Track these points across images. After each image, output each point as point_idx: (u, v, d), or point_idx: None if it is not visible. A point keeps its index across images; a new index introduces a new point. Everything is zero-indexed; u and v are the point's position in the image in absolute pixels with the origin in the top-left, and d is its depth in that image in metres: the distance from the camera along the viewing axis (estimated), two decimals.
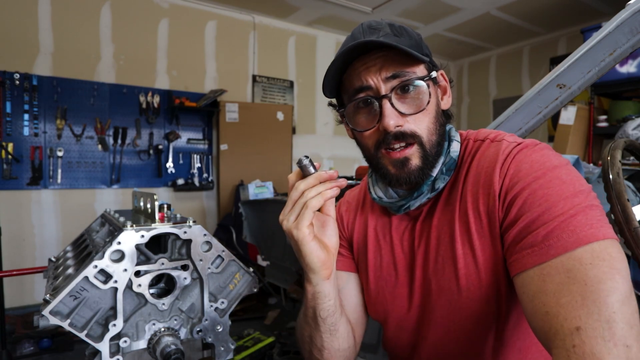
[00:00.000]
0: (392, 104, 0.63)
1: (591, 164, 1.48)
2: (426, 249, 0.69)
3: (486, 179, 0.62)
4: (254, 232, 3.29)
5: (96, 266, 0.63)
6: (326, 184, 0.61)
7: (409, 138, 0.64)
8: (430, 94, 0.64)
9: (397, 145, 0.64)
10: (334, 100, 0.74)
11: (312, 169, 0.63)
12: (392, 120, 0.62)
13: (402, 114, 0.63)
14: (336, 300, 0.70)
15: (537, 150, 0.60)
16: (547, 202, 0.53)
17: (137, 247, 0.66)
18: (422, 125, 0.65)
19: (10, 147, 3.18)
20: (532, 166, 0.58)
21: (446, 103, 0.72)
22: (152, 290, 0.71)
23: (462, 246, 0.63)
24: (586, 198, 0.53)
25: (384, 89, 0.63)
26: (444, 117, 0.70)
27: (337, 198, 0.69)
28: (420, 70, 0.65)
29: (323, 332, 0.70)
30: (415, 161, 0.65)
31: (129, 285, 0.66)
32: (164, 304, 0.70)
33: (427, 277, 0.69)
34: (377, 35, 0.63)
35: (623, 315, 0.45)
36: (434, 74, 0.66)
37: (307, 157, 0.63)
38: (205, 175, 4.07)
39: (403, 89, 0.64)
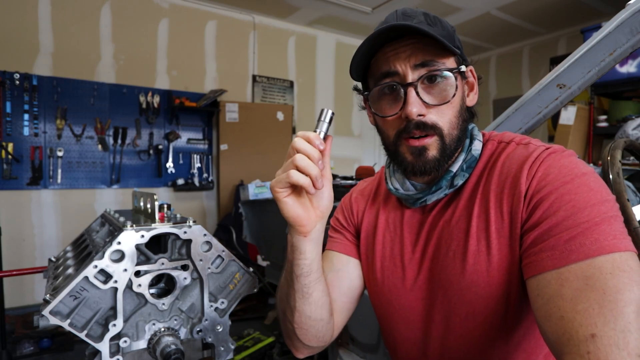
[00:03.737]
0: (417, 93, 0.63)
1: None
2: (437, 243, 0.69)
3: (513, 179, 0.62)
4: (254, 232, 3.29)
5: (96, 266, 0.63)
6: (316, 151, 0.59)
7: (429, 129, 0.64)
8: (457, 87, 0.64)
9: (417, 134, 0.64)
10: (359, 85, 0.74)
11: (324, 129, 0.60)
12: (415, 108, 0.62)
13: (426, 104, 0.63)
14: (313, 262, 0.67)
15: (565, 156, 0.60)
16: (573, 208, 0.53)
17: (137, 247, 0.66)
18: (444, 118, 0.65)
19: (10, 147, 3.18)
20: (560, 171, 0.58)
21: (472, 100, 0.71)
22: (152, 290, 0.71)
23: (476, 242, 0.63)
24: (612, 208, 0.54)
25: (411, 76, 0.63)
26: (467, 113, 0.70)
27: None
28: (450, 62, 0.65)
29: (296, 291, 0.68)
30: (433, 152, 0.65)
31: (129, 285, 0.66)
32: (164, 304, 0.70)
33: (436, 271, 0.69)
34: (413, 21, 0.63)
35: (638, 326, 0.45)
36: (463, 68, 0.66)
37: (332, 113, 0.61)
38: (205, 175, 4.07)
39: (430, 79, 0.63)
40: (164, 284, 0.75)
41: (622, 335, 0.44)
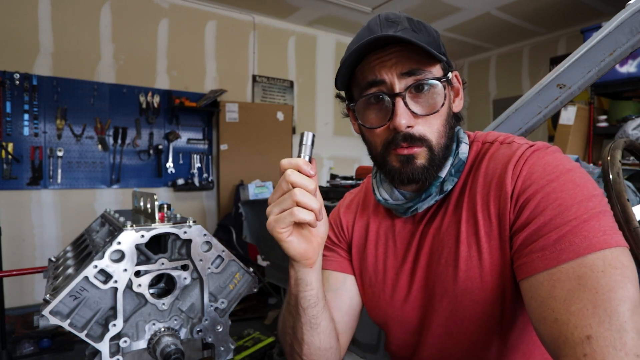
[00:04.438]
0: (405, 103, 0.61)
1: (591, 164, 1.48)
2: (430, 251, 0.68)
3: (498, 180, 0.60)
4: (254, 232, 3.29)
5: (96, 266, 0.63)
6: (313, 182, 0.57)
7: (417, 141, 0.62)
8: (445, 96, 0.63)
9: (405, 146, 0.63)
10: (342, 93, 0.72)
11: (308, 153, 0.58)
12: (403, 120, 0.60)
13: (414, 114, 0.62)
14: (319, 292, 0.67)
15: (549, 153, 0.59)
16: (561, 206, 0.52)
17: (137, 247, 0.66)
18: (432, 127, 0.63)
19: (10, 147, 3.18)
20: (545, 169, 0.57)
21: (457, 106, 0.70)
22: (152, 290, 0.71)
23: (467, 248, 0.62)
24: (599, 203, 0.53)
25: (398, 86, 0.61)
26: (454, 119, 0.68)
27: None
28: (437, 70, 0.63)
29: (304, 324, 0.68)
30: (421, 161, 0.63)
31: (129, 285, 0.66)
32: (164, 304, 0.70)
33: (431, 279, 0.68)
34: (395, 29, 0.61)
35: (634, 324, 0.44)
36: (449, 75, 0.64)
37: (313, 135, 0.58)
38: (205, 175, 4.07)
39: (418, 88, 0.62)
40: (164, 284, 0.75)
41: (618, 335, 0.44)
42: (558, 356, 0.47)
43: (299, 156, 0.58)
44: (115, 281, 0.64)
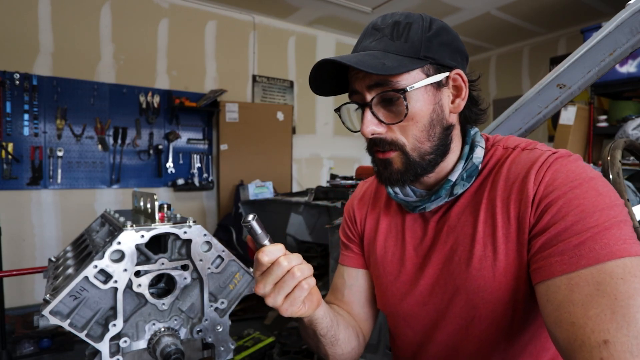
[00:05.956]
0: (372, 112, 0.64)
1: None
2: (442, 249, 0.69)
3: (520, 184, 0.61)
4: None
5: (96, 266, 0.63)
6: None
7: (387, 145, 0.65)
8: (407, 107, 0.62)
9: (379, 150, 0.67)
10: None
11: (266, 238, 0.58)
12: (367, 128, 0.64)
13: (382, 122, 0.64)
14: (331, 316, 0.71)
15: (572, 161, 0.60)
16: (582, 212, 0.53)
17: (137, 247, 0.66)
18: (407, 133, 0.64)
19: (10, 147, 3.18)
20: (568, 176, 0.57)
21: (457, 106, 0.67)
22: (152, 290, 0.71)
23: (483, 248, 0.63)
24: (621, 212, 0.53)
25: (368, 96, 0.64)
26: (450, 121, 0.67)
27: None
28: (412, 77, 0.62)
29: (325, 344, 0.72)
30: (397, 165, 0.66)
31: (129, 285, 0.66)
32: (164, 304, 0.70)
33: (442, 277, 0.69)
34: (374, 38, 0.64)
35: None
36: (428, 80, 0.62)
37: (256, 218, 0.58)
38: (205, 175, 4.07)
39: (385, 99, 0.64)
40: (164, 284, 0.75)
41: (635, 341, 0.44)
42: (574, 359, 0.48)
43: (261, 245, 0.58)
44: (115, 281, 0.64)
